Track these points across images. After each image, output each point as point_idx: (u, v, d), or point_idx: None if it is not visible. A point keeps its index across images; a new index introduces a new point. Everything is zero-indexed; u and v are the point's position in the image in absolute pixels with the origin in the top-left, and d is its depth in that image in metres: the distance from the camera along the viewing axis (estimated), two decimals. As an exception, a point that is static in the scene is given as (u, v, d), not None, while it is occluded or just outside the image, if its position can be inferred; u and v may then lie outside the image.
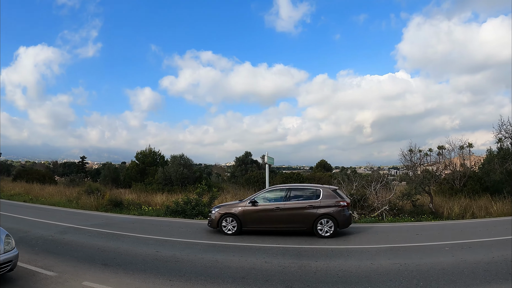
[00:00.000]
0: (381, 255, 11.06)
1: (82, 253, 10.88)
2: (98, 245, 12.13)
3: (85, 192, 27.77)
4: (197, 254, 10.95)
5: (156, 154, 53.20)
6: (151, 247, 11.86)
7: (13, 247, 7.92)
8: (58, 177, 68.94)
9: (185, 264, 9.71)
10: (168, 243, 12.89)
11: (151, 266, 9.39)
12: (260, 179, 47.59)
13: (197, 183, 39.10)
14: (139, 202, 25.82)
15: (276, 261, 10.22)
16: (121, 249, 11.54)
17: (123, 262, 9.84)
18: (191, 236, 14.46)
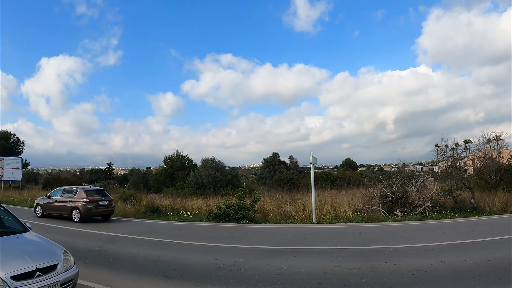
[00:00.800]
0: (446, 252, 10.84)
1: (137, 264, 10.31)
2: (152, 255, 11.50)
3: (120, 199, 27.57)
4: (260, 261, 10.37)
5: (184, 158, 53.12)
6: (208, 255, 11.26)
7: (72, 265, 7.30)
8: (85, 184, 69.05)
9: (252, 272, 9.11)
10: (225, 250, 12.33)
11: (217, 276, 8.80)
12: (290, 180, 47.19)
13: (229, 186, 38.88)
14: (176, 207, 25.42)
15: (345, 264, 9.69)
16: (178, 258, 10.90)
17: (185, 273, 9.24)
18: (244, 241, 13.99)
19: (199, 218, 21.15)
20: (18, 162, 58.89)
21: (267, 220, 20.51)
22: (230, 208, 19.71)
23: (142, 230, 17.33)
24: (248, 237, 15.17)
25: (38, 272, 6.35)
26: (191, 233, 16.69)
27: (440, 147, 31.33)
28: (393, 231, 15.27)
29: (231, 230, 17.07)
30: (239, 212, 19.43)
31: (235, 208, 19.68)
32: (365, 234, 14.90)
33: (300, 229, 16.99)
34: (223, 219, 19.73)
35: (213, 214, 20.38)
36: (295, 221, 19.57)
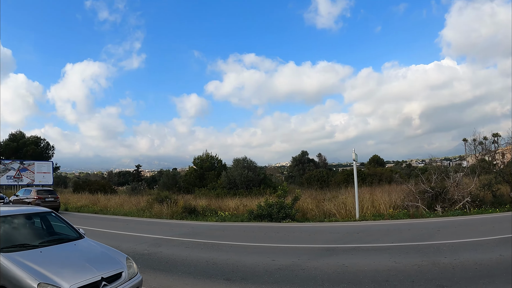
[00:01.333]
0: (501, 246, 10.70)
1: (193, 267, 10.11)
2: (204, 257, 11.41)
3: (155, 201, 27.72)
4: (318, 260, 10.23)
5: (214, 159, 53.21)
6: (263, 256, 11.16)
7: (135, 272, 6.99)
8: (115, 186, 69.58)
9: (315, 272, 8.97)
10: (277, 250, 12.23)
11: (279, 277, 8.71)
12: (321, 177, 47.08)
13: (262, 185, 38.89)
14: (214, 207, 25.47)
15: (405, 261, 9.56)
16: (233, 260, 10.78)
17: (245, 275, 9.07)
18: (293, 241, 13.89)
19: (240, 218, 21.12)
20: (49, 166, 59.70)
21: (307, 218, 20.37)
22: (272, 207, 19.62)
23: (186, 231, 17.32)
24: (296, 236, 15.06)
25: (103, 281, 6.11)
26: (237, 233, 16.63)
27: (468, 141, 30.97)
28: (441, 227, 15.02)
29: (276, 229, 16.95)
30: (282, 211, 19.34)
31: (277, 207, 19.59)
32: (414, 230, 14.66)
33: (346, 227, 16.82)
34: (265, 218, 19.62)
35: (254, 213, 20.26)
36: (337, 219, 19.43)
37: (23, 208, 9.05)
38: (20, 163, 57.68)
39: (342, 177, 45.95)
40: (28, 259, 6.20)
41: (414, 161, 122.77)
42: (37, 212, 8.47)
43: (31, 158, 65.67)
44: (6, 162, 58.03)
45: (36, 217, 8.35)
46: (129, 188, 53.59)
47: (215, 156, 53.70)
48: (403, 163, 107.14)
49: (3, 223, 7.38)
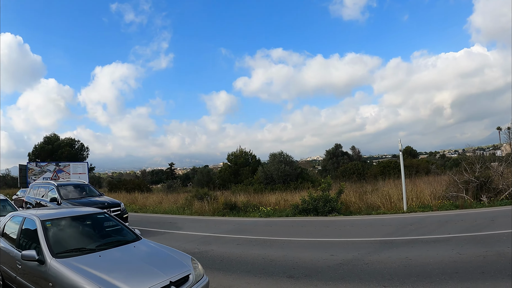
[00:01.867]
0: None
1: (250, 265, 9.92)
2: (259, 254, 11.24)
3: (194, 198, 27.83)
4: (379, 254, 10.16)
5: (248, 154, 53.25)
6: (320, 251, 11.11)
7: (202, 274, 6.61)
8: (149, 184, 70.15)
9: (380, 266, 8.91)
10: (333, 244, 12.07)
11: (344, 272, 8.64)
12: (356, 170, 46.70)
13: (299, 179, 38.79)
14: (255, 203, 25.42)
15: (469, 251, 9.46)
16: (290, 256, 10.68)
17: (308, 271, 8.92)
18: (346, 235, 13.72)
19: (284, 213, 21.08)
20: (85, 167, 60.36)
21: (351, 212, 20.17)
22: (317, 201, 19.50)
23: (232, 228, 17.28)
24: (348, 229, 14.91)
25: (172, 286, 5.76)
26: (286, 229, 16.51)
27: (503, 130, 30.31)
28: (493, 217, 14.67)
29: (325, 223, 16.87)
30: (327, 205, 19.22)
31: (322, 201, 19.45)
32: (467, 220, 14.37)
33: (396, 219, 16.61)
34: (311, 212, 19.51)
35: (300, 208, 20.13)
36: (383, 211, 19.20)
37: (74, 209, 9.12)
38: (56, 165, 58.40)
39: (378, 169, 45.54)
40: (87, 265, 5.91)
41: (446, 152, 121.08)
42: (90, 214, 8.43)
43: (66, 159, 66.72)
44: (42, 164, 58.82)
45: (88, 218, 8.25)
46: (164, 186, 53.97)
47: (249, 152, 53.76)
48: (436, 154, 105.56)
49: (55, 226, 7.39)
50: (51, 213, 8.10)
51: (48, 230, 7.04)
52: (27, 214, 8.08)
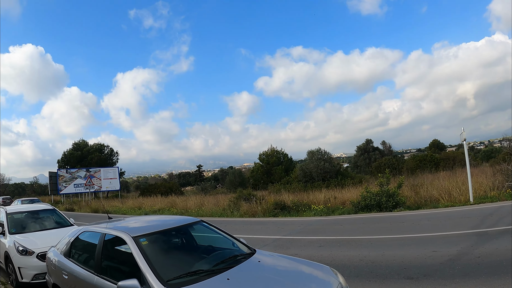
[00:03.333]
0: None
1: (352, 269, 9.21)
2: (353, 255, 10.44)
3: (239, 199, 27.51)
4: (484, 246, 9.62)
5: (279, 153, 53.05)
6: (417, 247, 10.61)
7: (346, 286, 5.32)
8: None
9: (494, 258, 8.43)
10: (426, 240, 11.53)
11: (464, 269, 8.16)
12: (391, 164, 46.14)
13: (339, 176, 38.42)
14: (305, 202, 24.99)
15: None
16: (389, 255, 10.07)
17: (422, 271, 8.30)
18: (432, 229, 13.09)
19: (341, 211, 20.56)
20: (115, 172, 60.85)
21: (408, 206, 19.71)
22: (381, 196, 19.09)
23: (299, 229, 16.53)
24: (426, 224, 14.36)
25: None
26: (358, 226, 15.90)
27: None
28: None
29: (396, 219, 16.35)
30: (391, 200, 18.81)
31: (385, 195, 19.06)
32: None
33: (469, 211, 16.04)
34: (374, 208, 19.08)
35: (362, 204, 19.68)
36: (442, 205, 18.78)
37: (164, 218, 7.87)
38: (87, 171, 59.07)
39: (414, 163, 44.96)
40: None
41: (471, 144, 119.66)
42: (188, 223, 6.73)
43: (96, 165, 67.39)
44: (72, 170, 59.58)
45: (185, 229, 6.69)
46: (198, 188, 53.91)
47: (281, 151, 53.53)
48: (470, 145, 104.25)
49: (151, 243, 5.70)
50: (139, 226, 6.47)
51: (146, 250, 5.29)
52: (105, 229, 6.29)
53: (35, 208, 13.08)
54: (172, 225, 6.50)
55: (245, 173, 62.50)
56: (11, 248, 10.06)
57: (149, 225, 6.53)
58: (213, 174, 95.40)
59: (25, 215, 12.37)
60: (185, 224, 6.65)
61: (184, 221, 6.83)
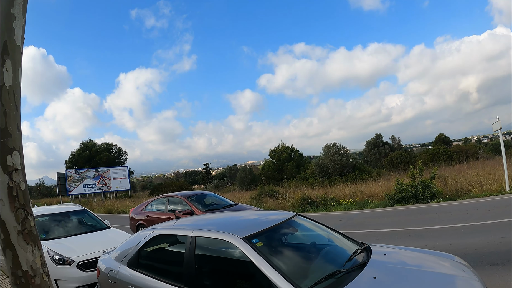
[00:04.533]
0: None
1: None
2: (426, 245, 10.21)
3: (263, 195, 27.55)
4: None
5: (290, 149, 53.08)
6: (483, 235, 10.52)
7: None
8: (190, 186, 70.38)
9: None
10: (487, 228, 11.45)
11: None
12: (404, 159, 46.20)
13: (356, 170, 38.51)
14: (333, 196, 24.97)
15: None
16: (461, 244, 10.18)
17: (507, 257, 8.19)
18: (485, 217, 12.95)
19: (375, 204, 20.52)
20: (125, 171, 60.59)
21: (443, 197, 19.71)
22: (417, 188, 19.09)
23: (343, 223, 16.22)
24: (473, 213, 14.28)
25: None
26: (406, 218, 15.53)
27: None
28: None
29: (439, 209, 16.21)
30: (427, 191, 18.82)
31: (422, 187, 19.07)
32: None
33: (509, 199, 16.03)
34: (411, 200, 19.04)
35: (398, 197, 19.55)
36: (473, 195, 18.86)
37: (263, 212, 7.03)
38: (95, 171, 58.88)
39: (428, 156, 45.09)
40: None
41: (475, 138, 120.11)
42: (290, 218, 5.60)
43: (105, 165, 67.25)
44: (81, 171, 59.35)
45: (288, 225, 5.45)
46: (211, 186, 54.03)
47: (291, 147, 53.58)
48: (471, 140, 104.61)
49: (267, 243, 4.65)
50: (233, 224, 5.47)
51: (267, 253, 4.28)
52: (194, 231, 5.06)
53: (63, 210, 11.48)
54: (277, 221, 5.26)
55: (253, 171, 62.55)
56: None
57: (247, 223, 5.43)
58: (221, 172, 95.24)
59: (53, 218, 10.81)
60: (289, 219, 5.50)
61: (283, 215, 5.71)
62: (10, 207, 3.12)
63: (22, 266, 3.14)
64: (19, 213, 3.18)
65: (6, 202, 3.10)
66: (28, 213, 3.26)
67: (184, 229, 5.37)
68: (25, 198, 3.23)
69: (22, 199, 3.20)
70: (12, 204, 3.13)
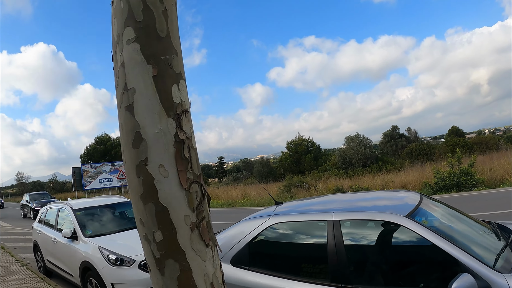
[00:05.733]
0: None
1: None
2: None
3: (292, 187, 27.64)
4: None
5: (307, 141, 53.18)
6: None
7: None
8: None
9: None
10: None
11: None
12: (423, 150, 46.32)
13: (379, 161, 38.65)
14: (365, 186, 25.16)
15: None
16: None
17: None
18: None
19: (416, 192, 20.65)
20: (140, 166, 60.46)
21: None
22: (459, 176, 19.26)
23: None
24: None
25: None
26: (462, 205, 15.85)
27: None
28: None
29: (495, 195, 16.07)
30: (469, 179, 18.97)
31: (464, 175, 19.23)
32: None
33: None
34: (453, 189, 19.14)
35: (440, 185, 19.76)
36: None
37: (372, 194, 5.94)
38: (112, 165, 58.86)
39: (448, 148, 45.17)
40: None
41: (487, 130, 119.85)
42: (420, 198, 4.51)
43: (121, 159, 67.11)
44: (97, 165, 59.35)
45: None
46: (230, 179, 54.27)
47: (309, 139, 53.68)
48: (485, 132, 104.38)
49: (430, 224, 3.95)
50: (389, 202, 4.73)
51: (441, 233, 3.59)
52: (334, 214, 4.04)
53: (108, 202, 9.97)
54: (416, 200, 4.28)
55: (277, 162, 62.67)
56: (94, 257, 7.24)
57: (387, 203, 4.70)
58: (235, 165, 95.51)
59: (98, 212, 9.39)
60: (420, 198, 4.41)
61: (408, 193, 4.95)
62: (180, 179, 1.65)
63: (198, 286, 1.68)
64: (194, 190, 1.71)
65: (172, 170, 1.64)
66: (205, 191, 1.79)
67: (318, 212, 4.35)
68: (198, 166, 1.79)
69: (196, 167, 1.75)
70: (183, 174, 1.66)
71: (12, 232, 22.24)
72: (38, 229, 10.60)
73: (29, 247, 14.70)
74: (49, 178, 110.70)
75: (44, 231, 10.07)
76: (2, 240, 17.95)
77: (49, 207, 10.87)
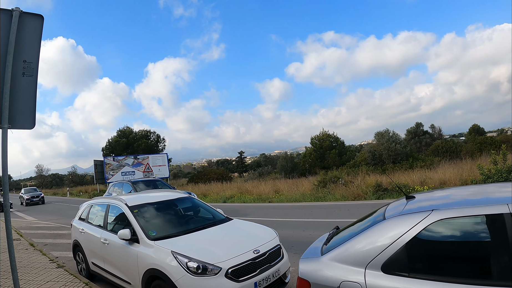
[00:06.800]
0: None
1: None
2: None
3: (328, 183, 27.59)
4: None
5: (331, 137, 53.29)
6: None
7: None
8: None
9: None
10: None
11: None
12: (449, 148, 46.20)
13: (410, 158, 38.68)
14: (405, 183, 25.04)
15: None
16: None
17: None
18: None
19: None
20: (164, 158, 60.73)
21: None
22: (508, 173, 19.31)
23: None
24: None
25: None
26: None
27: None
28: None
29: None
30: (514, 175, 18.99)
31: (505, 172, 19.25)
32: None
33: None
34: (500, 186, 19.12)
35: (488, 182, 19.82)
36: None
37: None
38: (134, 158, 59.17)
39: (475, 146, 45.14)
40: None
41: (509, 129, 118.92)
42: None
43: (143, 152, 67.76)
44: (119, 158, 59.65)
45: None
46: (255, 174, 54.47)
47: (333, 134, 53.80)
48: (507, 131, 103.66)
49: None
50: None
51: None
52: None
53: (166, 197, 8.74)
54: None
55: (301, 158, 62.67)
56: (167, 265, 5.99)
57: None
58: (255, 160, 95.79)
59: (158, 209, 8.14)
60: None
61: None
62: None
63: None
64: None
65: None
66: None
67: (488, 205, 3.46)
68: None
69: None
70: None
71: (38, 226, 21.97)
72: (81, 228, 9.44)
73: (60, 243, 14.98)
74: (68, 171, 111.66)
75: (89, 230, 8.97)
76: (29, 235, 17.61)
77: (93, 203, 9.70)
